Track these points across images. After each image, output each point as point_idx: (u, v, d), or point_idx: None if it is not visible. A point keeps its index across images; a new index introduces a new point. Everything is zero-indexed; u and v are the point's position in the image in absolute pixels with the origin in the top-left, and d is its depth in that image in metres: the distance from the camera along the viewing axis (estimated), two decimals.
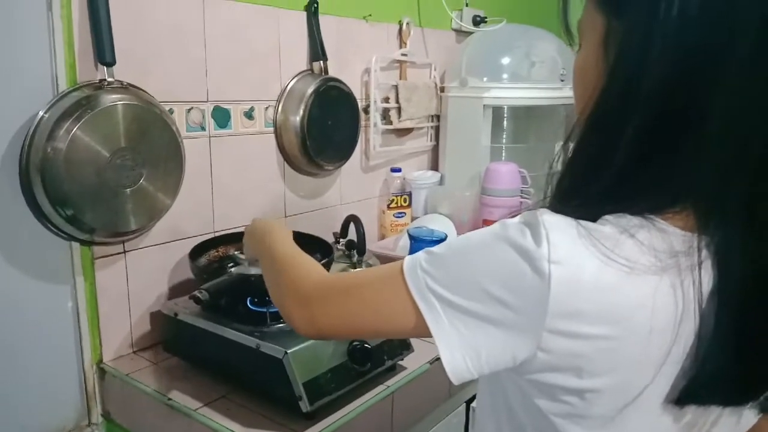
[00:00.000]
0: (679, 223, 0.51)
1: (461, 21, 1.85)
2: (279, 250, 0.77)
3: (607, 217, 0.52)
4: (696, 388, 0.52)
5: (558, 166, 0.60)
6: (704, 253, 0.51)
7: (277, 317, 1.00)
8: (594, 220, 0.51)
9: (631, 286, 0.49)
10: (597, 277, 0.48)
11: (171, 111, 1.15)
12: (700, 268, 0.50)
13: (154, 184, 1.08)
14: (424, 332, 0.55)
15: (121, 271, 1.12)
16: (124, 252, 1.12)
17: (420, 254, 0.58)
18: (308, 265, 0.73)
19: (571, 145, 0.58)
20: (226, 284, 0.94)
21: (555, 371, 0.52)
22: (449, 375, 0.54)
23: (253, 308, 1.06)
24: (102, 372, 1.10)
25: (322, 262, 1.17)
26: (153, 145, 1.08)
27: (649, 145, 0.51)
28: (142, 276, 1.15)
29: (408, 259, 0.58)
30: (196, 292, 0.88)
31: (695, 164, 0.50)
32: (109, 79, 1.04)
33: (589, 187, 0.53)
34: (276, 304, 0.72)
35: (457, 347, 0.53)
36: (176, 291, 1.20)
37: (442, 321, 0.53)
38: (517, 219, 0.54)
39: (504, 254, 0.51)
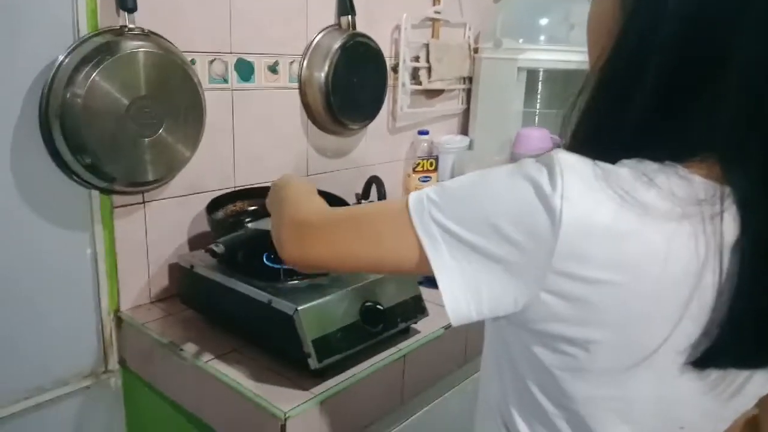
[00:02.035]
0: (701, 171, 0.49)
1: None
2: (289, 192, 0.76)
3: (625, 160, 0.49)
4: (718, 351, 0.49)
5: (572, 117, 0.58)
6: (727, 202, 0.48)
7: (291, 273, 0.99)
8: (611, 163, 0.49)
9: (646, 232, 0.46)
10: (610, 219, 0.46)
11: (193, 61, 1.13)
12: (722, 218, 0.47)
13: (174, 135, 1.07)
14: (425, 267, 0.53)
15: (140, 222, 1.12)
16: (144, 202, 1.12)
17: (428, 188, 0.56)
18: (312, 199, 0.72)
19: (585, 95, 0.55)
20: (243, 239, 0.93)
21: (557, 320, 0.49)
22: (449, 313, 0.52)
23: (269, 264, 1.05)
24: (119, 320, 1.11)
25: None
26: (173, 96, 1.06)
27: (668, 92, 0.48)
28: (160, 227, 1.15)
29: (414, 192, 0.56)
30: (212, 245, 0.87)
31: (715, 113, 0.47)
32: (131, 26, 1.02)
33: (605, 136, 0.51)
34: (273, 235, 0.71)
35: (458, 283, 0.51)
36: (194, 244, 1.20)
37: (443, 252, 0.51)
38: (533, 159, 0.51)
39: (518, 189, 0.49)
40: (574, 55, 1.59)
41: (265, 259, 1.06)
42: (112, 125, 0.99)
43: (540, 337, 0.52)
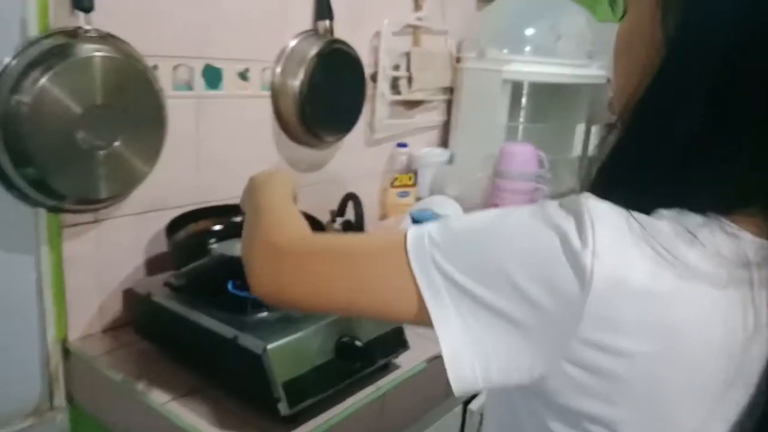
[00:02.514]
0: (752, 227, 0.42)
1: None
2: (265, 200, 0.67)
3: (662, 211, 0.42)
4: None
5: (594, 152, 0.50)
6: None
7: (259, 305, 0.89)
8: (646, 212, 0.42)
9: (687, 296, 0.40)
10: (647, 280, 0.39)
11: (155, 67, 1.03)
12: None
13: (132, 148, 0.97)
14: (424, 319, 0.45)
15: (91, 243, 1.01)
16: (96, 221, 1.01)
17: (430, 224, 0.47)
18: (292, 217, 0.63)
19: (617, 129, 0.48)
20: (206, 268, 0.84)
21: (581, 394, 0.42)
22: (450, 377, 0.44)
23: (235, 292, 0.95)
24: (66, 352, 1.00)
25: None
26: (132, 104, 0.96)
27: (718, 128, 0.41)
28: (114, 249, 1.04)
29: (413, 228, 0.48)
30: (171, 278, 0.77)
31: None
32: (86, 27, 0.91)
33: (640, 177, 0.44)
34: (243, 255, 0.61)
35: (462, 342, 0.43)
36: (153, 266, 1.09)
37: (446, 305, 0.43)
38: (555, 203, 0.44)
39: (541, 239, 0.41)
40: (561, 68, 1.53)
41: (230, 287, 0.96)
42: (62, 136, 0.89)
43: (559, 412, 0.45)
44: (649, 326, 0.39)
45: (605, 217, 0.41)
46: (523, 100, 1.60)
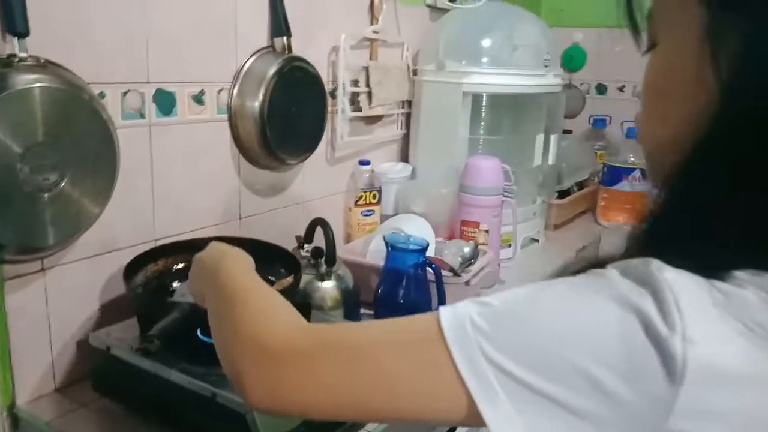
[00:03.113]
0: None
1: None
2: (232, 281, 0.57)
3: (739, 274, 0.37)
4: None
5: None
6: None
7: None
8: (720, 277, 0.37)
9: None
10: (740, 362, 0.35)
11: (102, 95, 0.94)
12: None
13: (80, 187, 0.87)
14: (474, 419, 0.39)
15: (38, 293, 0.90)
16: (43, 270, 0.90)
17: (467, 305, 0.41)
18: (276, 303, 0.53)
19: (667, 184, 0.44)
20: (177, 323, 0.76)
21: None
22: None
23: (206, 340, 0.87)
24: (15, 419, 0.89)
25: (289, 280, 1.00)
26: (79, 139, 0.87)
27: None
28: (65, 298, 0.94)
29: (448, 311, 0.41)
30: (143, 343, 0.69)
31: None
32: (22, 55, 0.82)
33: (708, 237, 0.39)
34: (222, 358, 0.52)
35: None
36: (109, 313, 0.99)
37: (501, 403, 0.37)
38: (615, 271, 0.38)
39: (617, 321, 0.36)
40: (519, 79, 1.52)
41: (200, 334, 0.88)
42: (0, 179, 0.79)
43: None
44: (749, 415, 0.35)
45: (688, 291, 0.36)
46: (483, 113, 1.57)
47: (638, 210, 1.54)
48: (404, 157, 1.69)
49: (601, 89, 2.49)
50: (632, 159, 1.91)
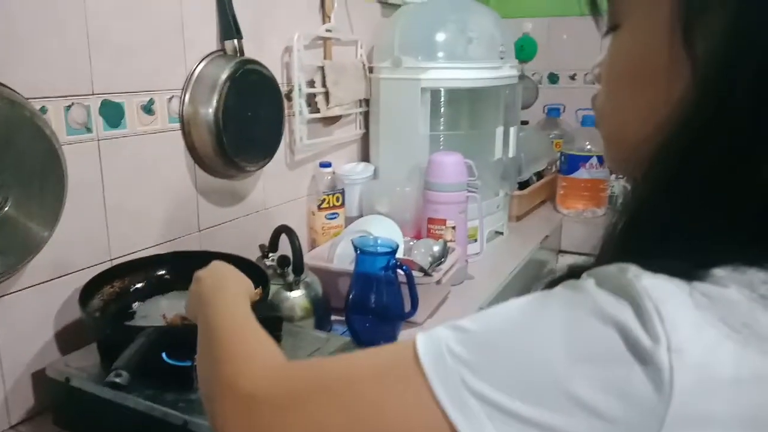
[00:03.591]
0: None
1: None
2: (220, 319, 0.55)
3: (719, 273, 0.35)
4: None
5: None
6: None
7: None
8: (697, 277, 0.35)
9: None
10: (731, 366, 0.33)
11: (44, 110, 0.88)
12: None
13: (26, 211, 0.82)
14: None
15: None
16: None
17: (443, 331, 0.38)
18: (258, 344, 0.51)
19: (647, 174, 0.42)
20: (144, 351, 0.71)
21: None
22: None
23: (172, 362, 0.83)
24: None
25: (257, 291, 0.95)
26: (20, 159, 0.81)
27: None
28: (16, 328, 0.88)
29: (424, 339, 0.38)
30: (111, 377, 0.64)
31: None
32: None
33: (685, 234, 0.37)
34: (203, 397, 0.51)
35: None
36: (66, 340, 0.94)
37: None
38: (591, 282, 0.36)
39: (598, 337, 0.34)
40: (476, 72, 1.51)
41: (165, 358, 0.83)
42: None
43: None
44: (743, 417, 0.33)
45: (668, 298, 0.34)
46: (442, 108, 1.56)
47: (597, 196, 1.55)
48: (365, 157, 1.67)
49: (553, 78, 2.51)
50: (588, 146, 1.93)
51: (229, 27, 1.16)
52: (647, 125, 0.41)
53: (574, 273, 0.40)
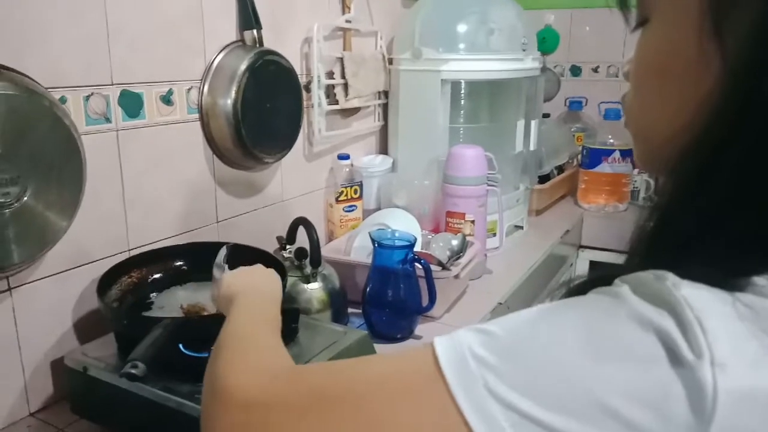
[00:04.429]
0: None
1: None
2: (240, 326, 0.55)
3: (759, 281, 0.34)
4: None
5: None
6: None
7: None
8: (738, 286, 0.33)
9: None
10: None
11: (63, 100, 0.88)
12: None
13: (45, 200, 0.82)
14: None
15: (6, 314, 0.85)
16: (9, 289, 0.85)
17: (465, 334, 0.36)
18: (266, 350, 0.50)
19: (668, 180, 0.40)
20: (161, 342, 0.71)
21: None
22: None
23: (189, 353, 0.83)
24: None
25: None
26: (40, 148, 0.81)
27: None
28: (35, 317, 0.88)
29: (444, 342, 0.36)
30: (127, 368, 0.64)
31: None
32: None
33: (723, 234, 0.35)
34: (202, 404, 0.49)
35: None
36: (84, 330, 0.94)
37: None
38: (627, 288, 0.35)
39: (636, 344, 0.32)
40: (498, 64, 1.48)
41: (183, 349, 0.83)
42: None
43: None
44: None
45: (710, 309, 0.32)
46: (462, 100, 1.54)
47: (619, 191, 1.51)
48: (383, 150, 1.65)
49: (576, 71, 2.47)
50: (611, 140, 1.89)
51: (248, 17, 1.15)
52: (676, 122, 0.39)
53: (604, 279, 0.38)
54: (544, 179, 1.91)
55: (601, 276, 0.39)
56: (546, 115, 2.11)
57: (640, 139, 0.46)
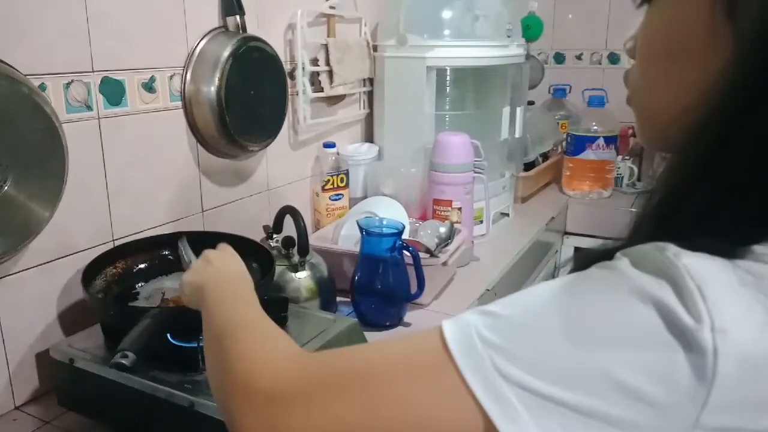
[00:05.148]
0: None
1: None
2: (230, 312, 0.54)
3: (759, 249, 0.34)
4: None
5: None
6: None
7: None
8: (738, 255, 0.34)
9: None
10: None
11: (43, 87, 0.86)
12: None
13: (26, 190, 0.80)
14: None
15: None
16: None
17: (471, 317, 0.37)
18: (272, 338, 0.50)
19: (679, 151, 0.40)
20: (150, 332, 0.70)
21: None
22: None
23: (177, 343, 0.82)
24: None
25: (262, 275, 0.94)
26: (20, 137, 0.79)
27: None
28: (19, 309, 0.87)
29: (451, 325, 0.37)
30: (117, 359, 0.63)
31: None
32: None
33: (725, 209, 0.36)
34: (216, 398, 0.49)
35: None
36: (69, 321, 0.93)
37: (524, 423, 0.33)
38: (626, 261, 0.35)
39: (635, 317, 0.33)
40: (483, 50, 1.48)
41: (170, 338, 0.82)
42: None
43: None
44: None
45: (711, 276, 0.33)
46: (448, 87, 1.53)
47: (603, 178, 1.52)
48: (368, 138, 1.65)
49: (560, 58, 2.48)
50: (595, 127, 1.90)
51: (230, 3, 1.13)
52: (683, 101, 0.39)
53: (606, 253, 0.38)
54: (529, 166, 1.92)
55: (605, 250, 0.40)
56: (531, 103, 2.12)
57: (645, 118, 0.47)
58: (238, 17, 1.14)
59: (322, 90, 1.40)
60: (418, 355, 0.38)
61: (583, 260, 0.40)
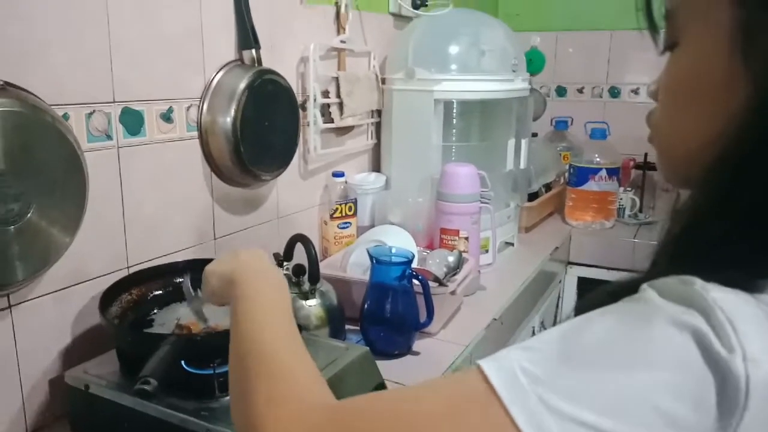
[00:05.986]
0: None
1: (400, 3, 1.65)
2: (257, 332, 0.53)
3: None
4: None
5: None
6: None
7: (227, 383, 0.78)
8: (758, 288, 0.36)
9: None
10: None
11: (66, 116, 0.88)
12: None
13: (49, 217, 0.82)
14: None
15: (6, 332, 0.84)
16: (10, 307, 0.84)
17: (510, 353, 0.38)
18: (305, 382, 0.48)
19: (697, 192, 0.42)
20: (170, 359, 0.71)
21: None
22: None
23: (192, 370, 0.83)
24: None
25: None
26: (44, 165, 0.81)
27: None
28: (35, 334, 0.87)
29: (492, 364, 0.37)
30: (140, 385, 0.64)
31: None
32: None
33: (746, 243, 0.38)
34: (238, 428, 0.49)
35: None
36: (82, 347, 0.93)
37: None
38: (654, 293, 0.37)
39: (674, 344, 0.34)
40: (489, 84, 1.51)
41: (185, 365, 0.83)
42: None
43: None
44: None
45: (739, 310, 0.34)
46: (454, 119, 1.56)
47: (605, 209, 1.54)
48: (375, 167, 1.67)
49: (561, 91, 2.53)
50: (598, 159, 1.93)
51: (247, 37, 1.16)
52: (703, 139, 0.42)
53: (628, 287, 0.40)
54: (532, 197, 1.94)
55: (625, 284, 0.41)
56: (534, 135, 2.15)
57: (667, 155, 0.49)
58: (253, 51, 1.17)
59: (332, 121, 1.42)
60: (458, 399, 0.38)
61: (606, 293, 0.42)
